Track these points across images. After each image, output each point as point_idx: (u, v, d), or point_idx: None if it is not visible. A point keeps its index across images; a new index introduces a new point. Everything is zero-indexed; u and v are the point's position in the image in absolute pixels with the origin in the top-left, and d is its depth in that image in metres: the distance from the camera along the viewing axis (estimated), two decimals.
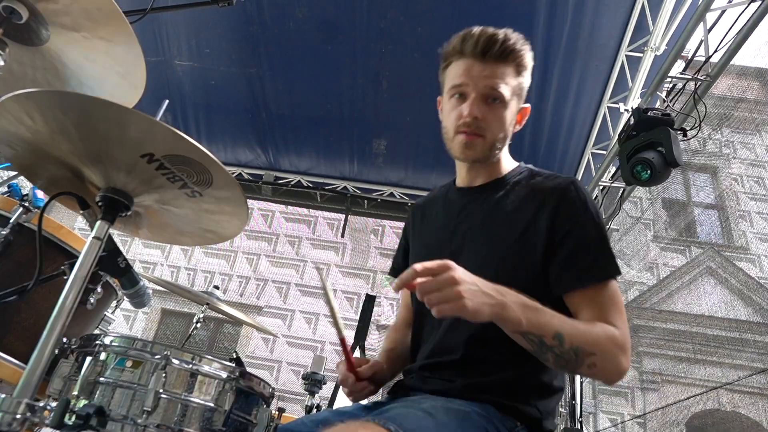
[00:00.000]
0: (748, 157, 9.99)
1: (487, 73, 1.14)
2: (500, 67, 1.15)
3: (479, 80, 1.14)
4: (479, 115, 1.14)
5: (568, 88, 3.81)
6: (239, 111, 4.38)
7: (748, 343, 7.93)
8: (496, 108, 1.16)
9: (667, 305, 8.49)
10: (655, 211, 9.64)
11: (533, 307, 0.95)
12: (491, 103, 1.16)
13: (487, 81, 1.14)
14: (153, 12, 1.81)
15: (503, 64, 1.15)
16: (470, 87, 1.15)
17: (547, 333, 0.94)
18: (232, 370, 1.34)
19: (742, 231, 9.38)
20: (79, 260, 1.03)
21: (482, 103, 1.15)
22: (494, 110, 1.16)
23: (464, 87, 1.16)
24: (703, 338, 8.05)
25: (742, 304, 8.40)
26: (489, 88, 1.14)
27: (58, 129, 1.00)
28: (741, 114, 9.89)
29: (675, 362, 8.15)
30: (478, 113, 1.14)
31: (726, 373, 7.82)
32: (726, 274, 8.61)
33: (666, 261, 9.02)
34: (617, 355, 0.98)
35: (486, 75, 1.14)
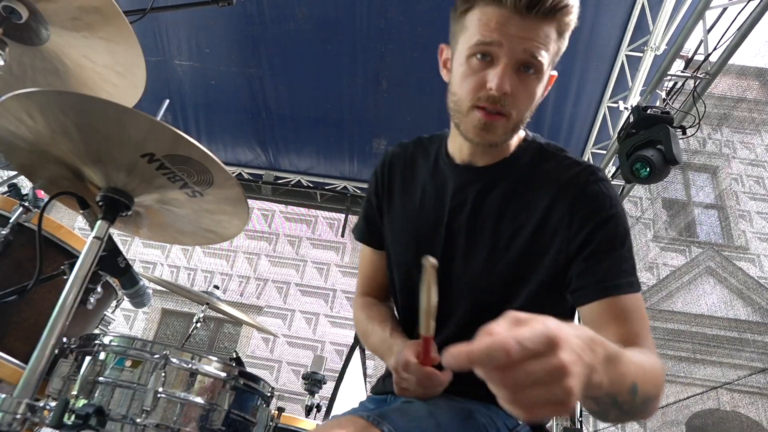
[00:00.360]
0: (747, 157, 9.99)
1: (529, 33, 0.89)
2: (544, 27, 0.90)
3: (517, 42, 0.89)
4: (509, 90, 0.89)
5: (568, 88, 3.81)
6: (239, 111, 4.37)
7: (748, 342, 7.93)
8: (530, 80, 0.92)
9: (667, 305, 8.49)
10: (655, 210, 9.64)
11: (613, 356, 0.67)
12: (524, 73, 0.91)
13: (526, 44, 0.89)
14: (153, 12, 1.81)
15: (548, 22, 0.90)
16: (504, 49, 0.89)
17: (623, 388, 0.72)
18: (231, 370, 1.34)
19: (742, 231, 9.38)
20: (79, 260, 1.03)
21: (514, 73, 0.91)
22: (527, 83, 0.92)
23: (495, 47, 0.89)
24: (703, 338, 8.05)
25: (742, 304, 8.40)
26: (528, 54, 0.89)
27: (58, 129, 1.00)
28: (741, 114, 9.89)
29: (675, 362, 8.15)
30: (509, 87, 0.89)
31: (726, 373, 7.82)
32: (726, 274, 8.61)
33: (666, 261, 9.01)
34: (664, 389, 0.83)
35: (526, 36, 0.89)
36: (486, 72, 0.91)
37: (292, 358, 9.02)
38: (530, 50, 0.89)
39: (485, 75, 0.91)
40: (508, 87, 0.90)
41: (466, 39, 0.93)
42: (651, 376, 0.79)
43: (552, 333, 0.51)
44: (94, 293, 1.49)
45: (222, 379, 1.32)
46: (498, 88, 0.89)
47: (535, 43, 0.89)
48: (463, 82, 0.94)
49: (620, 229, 0.96)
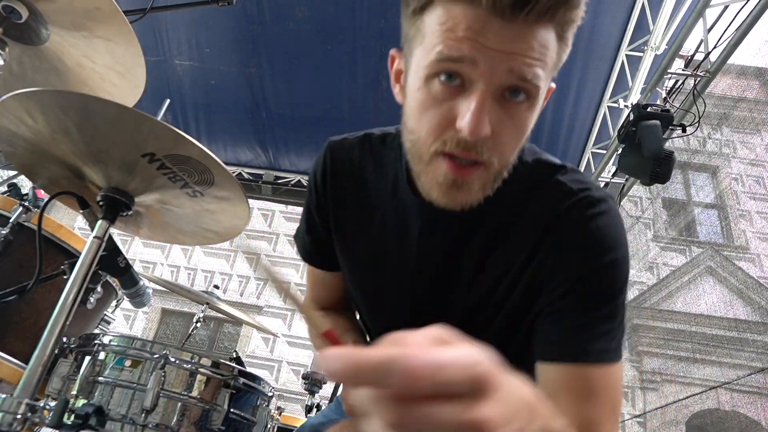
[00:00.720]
0: (747, 157, 9.99)
1: (516, 45, 0.60)
2: (539, 33, 0.61)
3: (499, 58, 0.60)
4: (489, 132, 0.62)
5: (568, 88, 3.81)
6: (239, 111, 4.37)
7: (748, 342, 7.93)
8: (519, 110, 0.65)
9: (667, 305, 8.49)
10: (655, 210, 9.64)
11: None
12: (510, 100, 0.63)
13: (513, 61, 0.60)
14: (153, 12, 1.80)
15: (545, 24, 0.61)
16: (479, 69, 0.61)
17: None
18: (231, 370, 1.34)
19: (742, 230, 9.38)
20: (79, 260, 1.03)
21: (495, 103, 0.63)
22: (515, 114, 0.65)
23: (466, 66, 0.61)
24: (703, 338, 8.06)
25: (742, 304, 8.40)
26: (517, 76, 0.61)
27: (58, 128, 1.00)
28: (741, 113, 9.89)
29: (675, 362, 8.16)
30: (488, 128, 0.62)
31: (725, 373, 7.82)
32: (726, 274, 8.61)
33: (666, 260, 9.02)
34: None
35: (513, 49, 0.60)
36: (455, 102, 0.63)
37: (292, 358, 9.01)
38: (519, 70, 0.61)
39: (453, 107, 0.63)
40: (488, 128, 0.62)
41: (424, 50, 0.64)
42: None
43: (483, 372, 0.35)
44: (94, 293, 1.49)
45: (222, 379, 1.32)
46: (472, 132, 0.61)
47: (526, 59, 0.61)
48: (422, 115, 0.66)
49: (613, 283, 0.74)
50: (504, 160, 0.68)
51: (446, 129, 0.64)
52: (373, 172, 0.88)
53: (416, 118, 0.67)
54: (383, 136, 0.90)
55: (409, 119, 0.70)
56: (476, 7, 0.60)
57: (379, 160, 0.87)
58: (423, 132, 0.67)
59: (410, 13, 0.67)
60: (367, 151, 0.89)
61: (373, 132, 0.91)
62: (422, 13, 0.65)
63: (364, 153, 0.89)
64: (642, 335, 8.36)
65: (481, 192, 0.70)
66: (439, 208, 0.72)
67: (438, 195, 0.69)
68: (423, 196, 0.73)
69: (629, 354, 8.35)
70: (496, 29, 0.60)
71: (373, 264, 0.88)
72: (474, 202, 0.70)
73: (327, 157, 0.92)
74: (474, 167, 0.66)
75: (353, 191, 0.89)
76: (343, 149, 0.91)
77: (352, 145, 0.91)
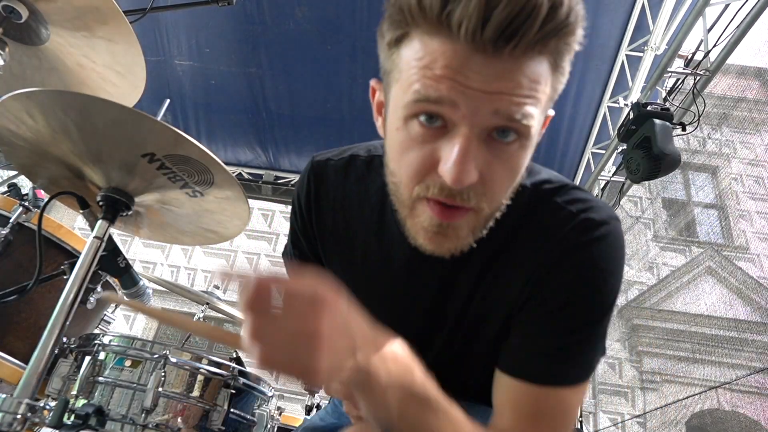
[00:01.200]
0: (747, 157, 9.99)
1: (502, 83, 0.54)
2: (529, 66, 0.55)
3: (483, 101, 0.55)
4: (476, 179, 0.57)
5: (568, 88, 3.79)
6: (239, 111, 4.37)
7: (748, 342, 7.93)
8: (510, 150, 0.59)
9: (667, 305, 8.49)
10: (654, 210, 9.64)
11: (434, 406, 0.58)
12: (500, 141, 0.58)
13: (499, 103, 0.55)
14: (153, 12, 1.81)
15: (536, 56, 0.55)
16: (461, 111, 0.55)
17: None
18: (231, 370, 1.34)
19: (742, 230, 9.38)
20: (79, 260, 1.03)
21: (482, 144, 0.57)
22: (505, 155, 0.59)
23: (446, 108, 0.56)
24: (702, 338, 8.06)
25: (742, 304, 8.40)
26: (504, 117, 0.56)
27: (58, 128, 1.00)
28: (741, 113, 9.89)
29: (675, 362, 8.16)
30: (475, 175, 0.57)
31: (725, 373, 7.82)
32: (726, 274, 8.61)
33: (666, 260, 9.02)
34: None
35: (498, 88, 0.54)
36: (437, 144, 0.58)
37: None
38: (506, 111, 0.55)
39: (436, 149, 0.58)
40: (474, 174, 0.57)
41: (401, 88, 0.59)
42: None
43: (321, 293, 0.47)
44: (94, 293, 1.49)
45: (222, 379, 1.32)
46: (456, 181, 0.56)
47: (514, 98, 0.55)
48: (403, 157, 0.61)
49: (593, 312, 0.69)
50: (495, 203, 0.63)
51: (428, 173, 0.60)
52: (357, 197, 0.83)
53: (397, 160, 0.63)
54: (369, 159, 0.85)
55: (390, 161, 0.65)
56: (455, 42, 0.53)
57: (364, 185, 0.81)
58: (404, 176, 0.62)
59: (386, 45, 0.61)
60: (352, 175, 0.84)
61: (359, 154, 0.86)
62: (399, 46, 0.59)
63: (348, 177, 0.84)
64: (642, 335, 8.36)
65: (471, 236, 0.65)
66: (429, 255, 0.68)
67: (424, 241, 0.65)
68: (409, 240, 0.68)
69: (629, 354, 8.35)
70: (477, 66, 0.53)
71: (360, 290, 0.82)
72: (464, 248, 0.66)
73: (311, 179, 0.87)
74: (461, 210, 0.61)
75: (336, 215, 0.85)
76: (327, 171, 0.86)
77: (336, 167, 0.86)
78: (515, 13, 0.50)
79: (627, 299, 8.58)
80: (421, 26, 0.56)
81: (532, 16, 0.51)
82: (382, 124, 0.69)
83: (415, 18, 0.55)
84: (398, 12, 0.57)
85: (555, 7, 0.52)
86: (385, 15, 0.60)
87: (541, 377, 0.68)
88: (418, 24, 0.56)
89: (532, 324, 0.71)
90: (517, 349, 0.72)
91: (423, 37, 0.56)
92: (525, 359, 0.70)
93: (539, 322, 0.71)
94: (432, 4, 0.53)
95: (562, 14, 0.52)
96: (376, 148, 0.86)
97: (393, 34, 0.59)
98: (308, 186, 0.87)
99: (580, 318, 0.69)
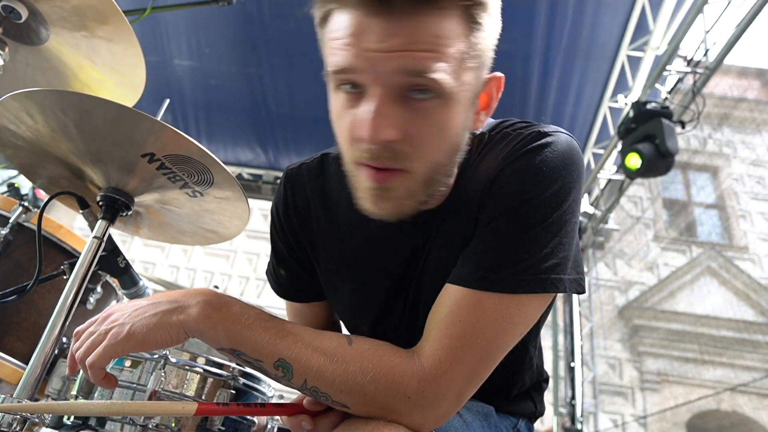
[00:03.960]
0: (749, 157, 9.98)
1: (399, 41, 0.57)
2: (430, 23, 0.57)
3: (382, 60, 0.58)
4: (393, 134, 0.60)
5: (568, 88, 3.81)
6: (239, 111, 4.37)
7: (749, 343, 7.93)
8: (430, 107, 0.61)
9: (668, 305, 8.48)
10: (655, 210, 9.64)
11: (240, 314, 0.65)
12: (417, 100, 0.60)
13: (399, 60, 0.57)
14: (153, 12, 1.80)
15: (438, 13, 0.57)
16: (366, 74, 0.59)
17: (266, 358, 0.64)
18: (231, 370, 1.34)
19: (743, 231, 9.38)
20: (79, 260, 1.03)
21: (397, 102, 0.60)
22: (425, 112, 0.61)
23: (356, 75, 0.60)
24: (704, 339, 8.05)
25: (745, 305, 8.39)
26: (409, 73, 0.58)
27: (58, 128, 1.00)
28: (742, 113, 9.88)
29: (675, 362, 8.15)
30: (389, 132, 0.59)
31: (726, 374, 7.82)
32: (727, 275, 8.60)
33: (667, 261, 9.01)
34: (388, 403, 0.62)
35: (395, 47, 0.57)
36: (359, 109, 0.62)
37: None
38: (409, 67, 0.57)
39: (358, 115, 0.62)
40: (389, 132, 0.59)
41: (326, 63, 0.66)
42: (338, 368, 0.62)
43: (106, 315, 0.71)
44: (94, 293, 1.49)
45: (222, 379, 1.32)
46: (371, 139, 0.59)
47: (415, 54, 0.56)
48: (338, 124, 0.68)
49: (533, 215, 0.67)
50: (428, 163, 0.64)
51: (356, 138, 0.63)
52: (335, 190, 0.85)
53: (336, 127, 0.68)
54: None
55: (335, 126, 0.70)
56: (357, 10, 0.58)
57: (339, 177, 0.81)
58: (342, 142, 0.68)
59: (318, 27, 0.68)
60: (327, 171, 0.88)
61: (330, 152, 0.89)
62: (324, 25, 0.66)
63: (324, 174, 0.88)
64: (643, 336, 8.35)
65: (410, 199, 0.66)
66: (399, 221, 0.70)
67: (368, 205, 0.68)
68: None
69: (629, 354, 8.34)
70: (374, 28, 0.57)
71: (349, 272, 0.86)
72: (407, 210, 0.68)
73: (287, 187, 0.91)
74: (393, 173, 0.63)
75: (318, 211, 0.88)
76: (301, 177, 0.90)
77: (310, 169, 0.90)
78: None
79: (627, 299, 8.58)
80: (332, 3, 0.62)
81: None
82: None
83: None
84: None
85: None
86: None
87: (468, 280, 0.67)
88: (331, 2, 0.62)
89: (477, 235, 0.70)
90: (460, 260, 0.71)
91: (335, 14, 0.62)
92: (460, 265, 0.69)
93: (481, 232, 0.70)
94: None
95: None
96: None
97: (319, 16, 0.66)
98: (285, 194, 0.91)
99: (519, 222, 0.67)
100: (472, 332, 0.65)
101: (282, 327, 0.66)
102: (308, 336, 0.65)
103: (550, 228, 0.67)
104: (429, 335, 0.67)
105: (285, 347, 0.63)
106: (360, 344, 0.66)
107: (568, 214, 0.68)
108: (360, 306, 0.88)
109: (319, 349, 0.64)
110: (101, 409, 0.63)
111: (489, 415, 0.88)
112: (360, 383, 0.62)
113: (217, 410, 0.65)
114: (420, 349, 0.66)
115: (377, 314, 0.87)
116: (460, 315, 0.65)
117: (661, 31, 3.32)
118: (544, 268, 0.66)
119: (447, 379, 0.63)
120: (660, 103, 3.08)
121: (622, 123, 3.25)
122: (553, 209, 0.67)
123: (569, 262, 0.69)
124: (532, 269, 0.66)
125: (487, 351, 0.66)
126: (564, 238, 0.68)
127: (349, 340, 0.66)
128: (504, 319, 0.66)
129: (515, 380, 0.94)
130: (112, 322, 0.67)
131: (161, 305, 0.66)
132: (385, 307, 0.86)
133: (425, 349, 0.65)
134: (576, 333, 5.06)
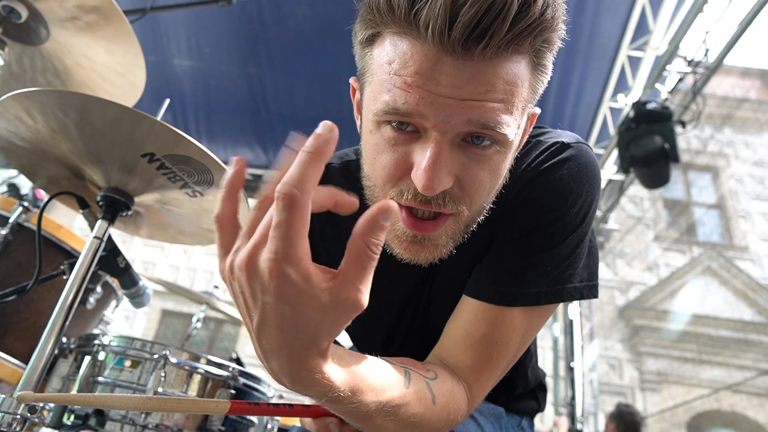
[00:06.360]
0: (750, 158, 9.98)
1: (473, 88, 0.52)
2: (504, 68, 0.53)
3: (453, 109, 0.53)
4: (450, 182, 0.56)
5: (568, 88, 3.81)
6: (239, 111, 4.37)
7: (749, 343, 7.92)
8: (487, 154, 0.57)
9: (669, 306, 8.48)
10: (656, 211, 9.63)
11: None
12: (476, 146, 0.57)
13: (471, 111, 0.53)
14: (153, 11, 1.80)
15: (512, 56, 0.53)
16: (431, 121, 0.54)
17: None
18: (231, 370, 1.34)
19: (744, 231, 9.37)
20: (79, 260, 1.03)
21: (457, 149, 0.56)
22: (483, 158, 0.58)
23: (417, 119, 0.55)
24: (705, 339, 8.05)
25: (745, 305, 8.39)
26: (477, 125, 0.54)
27: (58, 128, 1.00)
28: (743, 114, 9.88)
29: (676, 362, 8.15)
30: (448, 181, 0.56)
31: (725, 374, 7.82)
32: (727, 275, 8.60)
33: (667, 261, 9.01)
34: None
35: (469, 93, 0.52)
36: (410, 147, 0.57)
37: None
38: (479, 119, 0.53)
39: (409, 152, 0.57)
40: (446, 181, 0.55)
41: (372, 94, 0.59)
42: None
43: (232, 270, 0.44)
44: (93, 293, 1.49)
45: (222, 379, 1.32)
46: (427, 188, 0.54)
47: (486, 104, 0.52)
48: (376, 160, 0.60)
49: (557, 235, 0.67)
50: (476, 206, 0.61)
51: (402, 178, 0.58)
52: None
53: (370, 163, 0.61)
54: (344, 165, 0.84)
55: (365, 164, 0.64)
56: (424, 43, 0.51)
57: (358, 190, 0.77)
58: (378, 179, 0.60)
59: (359, 44, 0.61)
60: (348, 181, 0.82)
61: (332, 162, 0.84)
62: (371, 45, 0.59)
63: (344, 183, 0.80)
64: (643, 336, 8.35)
65: (451, 243, 0.63)
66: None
67: (400, 251, 0.63)
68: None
69: (630, 354, 8.34)
70: (447, 69, 0.51)
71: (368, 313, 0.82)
72: (443, 255, 0.63)
73: None
74: (438, 220, 0.60)
75: (329, 221, 0.81)
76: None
77: (331, 174, 0.84)
78: (483, 11, 0.48)
79: (628, 300, 8.58)
80: (390, 26, 0.55)
81: (502, 14, 0.49)
82: (360, 123, 0.68)
83: (384, 18, 0.54)
84: (369, 11, 0.56)
85: (527, 3, 0.50)
86: (358, 14, 0.60)
87: (497, 297, 0.67)
88: (388, 24, 0.55)
89: (496, 249, 0.70)
90: (477, 273, 0.71)
91: (393, 38, 0.55)
92: (481, 280, 0.70)
93: (505, 248, 0.70)
94: (400, 3, 0.52)
95: (536, 11, 0.51)
96: (347, 154, 0.85)
97: (365, 34, 0.59)
98: None
99: (546, 240, 0.67)
100: (506, 351, 0.68)
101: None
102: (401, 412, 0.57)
103: (573, 241, 0.69)
104: (468, 358, 0.67)
105: None
106: (440, 398, 0.61)
107: (588, 225, 0.70)
108: (372, 320, 0.82)
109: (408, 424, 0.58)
110: (137, 404, 0.58)
111: (500, 417, 0.90)
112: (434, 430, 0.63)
113: (249, 410, 0.62)
114: (468, 384, 0.67)
115: (388, 329, 0.87)
116: (495, 336, 0.67)
117: (661, 31, 3.32)
118: (564, 277, 0.69)
119: (480, 399, 0.69)
120: (660, 103, 3.08)
121: (622, 123, 3.25)
122: (578, 224, 0.69)
123: (586, 270, 0.72)
124: (554, 280, 0.68)
125: (512, 362, 0.71)
126: (583, 248, 0.71)
127: (433, 399, 0.60)
128: (528, 329, 0.70)
129: (519, 379, 0.96)
130: None
131: None
132: (396, 321, 0.85)
133: (471, 382, 0.67)
134: (576, 333, 5.07)
